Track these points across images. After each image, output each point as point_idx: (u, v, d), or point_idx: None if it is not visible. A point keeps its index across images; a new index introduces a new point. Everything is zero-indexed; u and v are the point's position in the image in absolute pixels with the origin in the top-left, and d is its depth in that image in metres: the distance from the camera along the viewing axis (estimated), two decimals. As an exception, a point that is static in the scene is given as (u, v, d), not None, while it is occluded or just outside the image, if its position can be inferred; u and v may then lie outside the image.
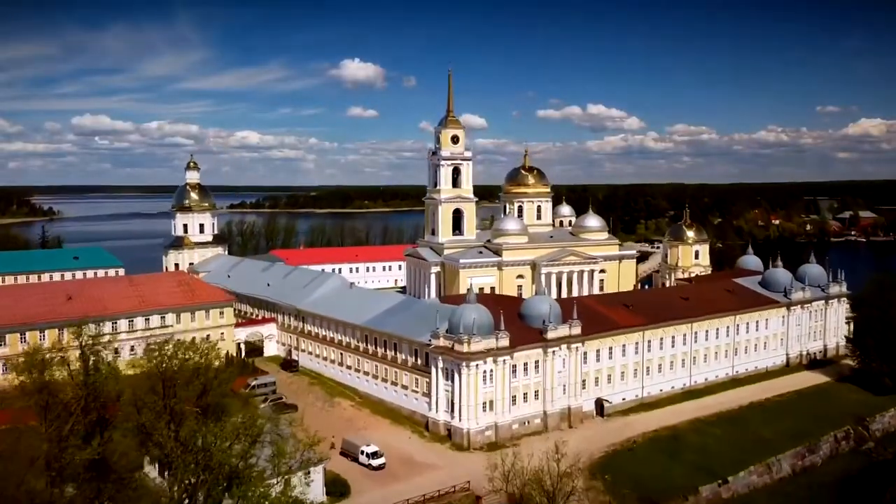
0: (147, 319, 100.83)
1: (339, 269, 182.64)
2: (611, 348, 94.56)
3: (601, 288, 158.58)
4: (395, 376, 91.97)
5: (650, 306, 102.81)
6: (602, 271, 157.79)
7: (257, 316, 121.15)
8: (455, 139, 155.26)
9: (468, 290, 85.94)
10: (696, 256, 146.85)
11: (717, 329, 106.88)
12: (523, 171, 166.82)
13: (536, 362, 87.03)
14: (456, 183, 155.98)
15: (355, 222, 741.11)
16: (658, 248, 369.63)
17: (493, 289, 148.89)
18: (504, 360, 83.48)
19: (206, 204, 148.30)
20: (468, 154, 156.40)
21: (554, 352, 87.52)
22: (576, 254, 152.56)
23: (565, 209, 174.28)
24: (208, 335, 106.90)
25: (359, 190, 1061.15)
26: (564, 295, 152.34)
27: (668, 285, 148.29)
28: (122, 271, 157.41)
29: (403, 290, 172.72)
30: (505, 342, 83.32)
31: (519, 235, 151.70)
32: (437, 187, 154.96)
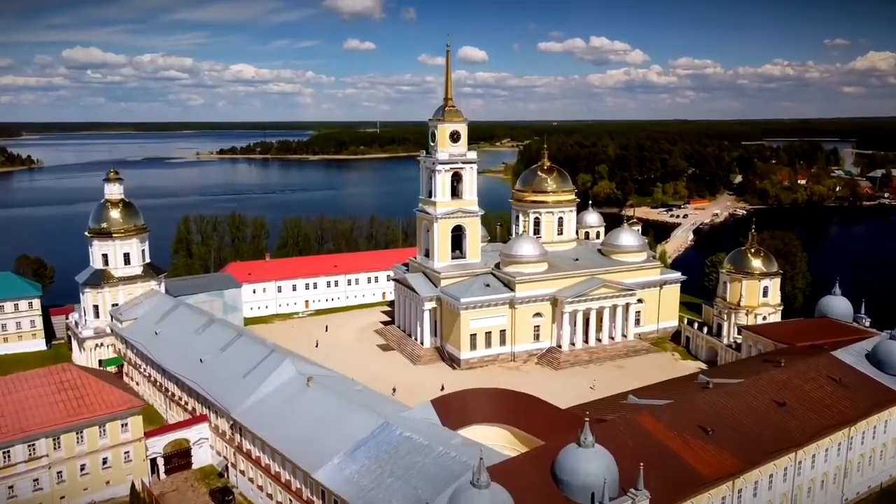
0: (7, 454, 69.18)
1: (315, 284, 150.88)
2: (689, 514, 63.15)
3: (637, 321, 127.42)
4: (364, 567, 60.86)
5: (736, 426, 71.08)
6: (640, 301, 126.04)
7: (188, 404, 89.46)
8: (455, 136, 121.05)
9: (478, 463, 53.48)
10: (765, 294, 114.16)
11: (827, 450, 75.50)
12: (541, 174, 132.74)
13: (582, 565, 55.73)
14: (456, 192, 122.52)
15: (350, 170, 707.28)
16: (678, 217, 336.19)
17: (502, 332, 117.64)
18: (534, 581, 52.18)
19: (133, 226, 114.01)
20: (472, 155, 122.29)
21: (609, 545, 56.08)
22: (608, 284, 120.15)
23: (592, 217, 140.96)
24: (105, 458, 75.72)
25: (355, 133, 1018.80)
26: (592, 335, 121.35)
27: (725, 329, 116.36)
28: (36, 303, 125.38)
29: (391, 307, 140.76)
30: (536, 552, 51.83)
31: (536, 263, 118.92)
32: (433, 198, 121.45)
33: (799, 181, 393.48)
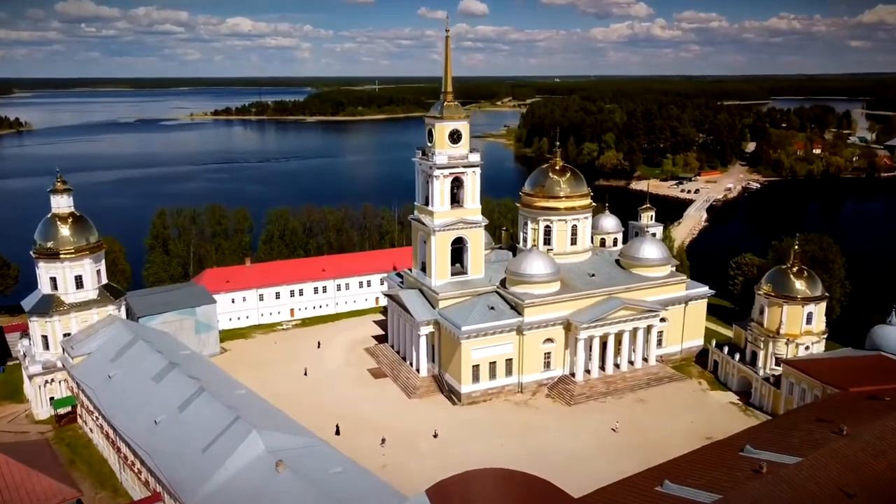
0: None
1: (301, 291, 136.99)
2: None
3: (659, 342, 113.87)
4: None
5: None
6: (662, 320, 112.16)
7: (140, 473, 76.08)
8: (455, 136, 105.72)
9: None
10: (808, 320, 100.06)
11: (906, 552, 62.38)
12: (552, 175, 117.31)
13: None
14: (456, 199, 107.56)
15: (348, 134, 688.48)
16: (689, 191, 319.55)
17: (508, 360, 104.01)
18: None
19: (85, 244, 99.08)
20: (475, 158, 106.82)
21: None
22: (629, 306, 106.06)
23: (609, 222, 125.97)
24: (32, 563, 62.50)
25: (353, 93, 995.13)
26: (609, 360, 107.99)
27: (761, 358, 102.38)
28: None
29: (385, 315, 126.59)
30: None
31: (548, 283, 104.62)
32: (430, 206, 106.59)
33: (814, 150, 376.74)
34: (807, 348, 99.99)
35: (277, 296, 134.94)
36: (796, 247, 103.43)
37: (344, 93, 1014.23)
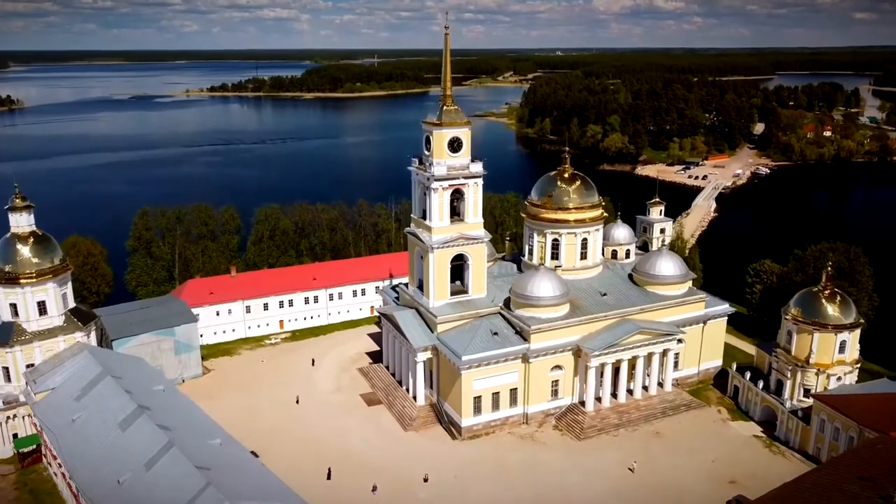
0: None
1: (291, 301, 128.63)
2: None
3: (676, 364, 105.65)
4: None
5: None
6: (679, 341, 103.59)
7: (102, 538, 68.25)
8: (455, 144, 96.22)
9: None
10: (842, 349, 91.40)
11: None
12: (561, 184, 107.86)
13: None
14: (456, 212, 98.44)
15: (346, 111, 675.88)
16: (696, 177, 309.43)
17: (513, 390, 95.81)
18: None
19: (48, 266, 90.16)
20: (476, 168, 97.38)
21: None
22: (645, 330, 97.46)
23: (621, 232, 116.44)
24: None
25: (351, 69, 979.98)
26: (622, 388, 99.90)
27: (788, 389, 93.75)
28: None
29: (380, 326, 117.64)
30: None
31: (557, 306, 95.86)
32: (427, 220, 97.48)
33: (824, 132, 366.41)
34: (838, 379, 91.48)
35: (265, 307, 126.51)
36: (829, 268, 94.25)
37: (343, 68, 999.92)
